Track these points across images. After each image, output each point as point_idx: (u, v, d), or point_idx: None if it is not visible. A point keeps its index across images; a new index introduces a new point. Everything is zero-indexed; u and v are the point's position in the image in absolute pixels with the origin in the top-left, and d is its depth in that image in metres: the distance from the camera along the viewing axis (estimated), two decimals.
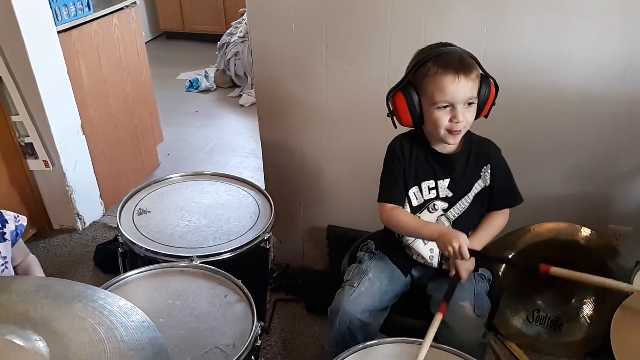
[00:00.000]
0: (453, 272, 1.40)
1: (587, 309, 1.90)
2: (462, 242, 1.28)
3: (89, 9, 2.55)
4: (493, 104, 1.37)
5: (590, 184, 1.87)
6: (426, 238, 1.44)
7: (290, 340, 2.05)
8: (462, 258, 1.29)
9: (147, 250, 1.55)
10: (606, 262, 1.85)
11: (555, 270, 1.25)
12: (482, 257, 1.42)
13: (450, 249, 1.29)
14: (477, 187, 1.44)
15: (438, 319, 1.23)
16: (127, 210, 1.75)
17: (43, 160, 2.46)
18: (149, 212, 1.73)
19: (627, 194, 1.86)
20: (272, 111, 2.07)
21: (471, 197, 1.44)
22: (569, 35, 1.66)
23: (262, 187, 1.94)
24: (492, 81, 1.34)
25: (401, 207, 1.43)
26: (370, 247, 1.58)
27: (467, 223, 1.44)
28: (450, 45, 1.33)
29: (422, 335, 1.20)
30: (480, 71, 1.32)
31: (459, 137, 1.36)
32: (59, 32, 2.38)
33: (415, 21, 1.74)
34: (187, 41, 5.53)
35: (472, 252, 1.31)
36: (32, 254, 1.47)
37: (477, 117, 1.35)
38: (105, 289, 1.34)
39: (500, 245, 1.95)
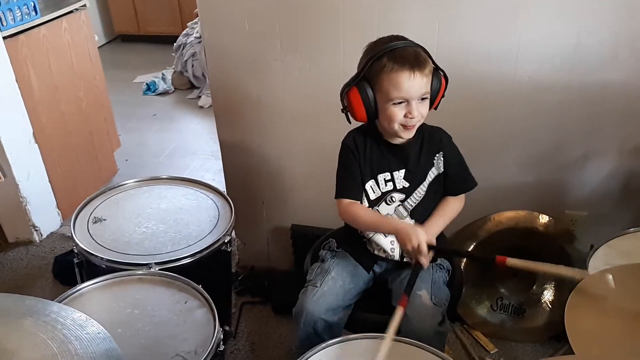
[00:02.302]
0: (414, 261, 1.39)
1: (548, 295, 1.95)
2: (421, 239, 1.30)
3: (36, 12, 2.47)
4: (442, 96, 1.38)
5: (545, 171, 1.91)
6: (385, 233, 1.45)
7: (258, 343, 2.03)
8: (421, 255, 1.31)
9: (103, 259, 1.51)
10: (564, 247, 1.90)
11: (511, 261, 1.27)
12: (440, 252, 1.43)
13: (409, 247, 1.31)
14: (431, 174, 1.45)
15: (399, 312, 1.23)
16: (81, 219, 1.70)
17: None
18: (104, 220, 1.69)
19: (580, 180, 1.91)
20: (230, 111, 2.04)
21: (426, 186, 1.45)
22: (519, 27, 1.68)
23: (224, 189, 1.91)
24: (442, 74, 1.36)
25: (359, 202, 1.43)
26: (332, 245, 1.57)
27: (425, 212, 1.45)
28: (402, 38, 1.33)
29: (385, 329, 1.19)
30: (432, 65, 1.33)
31: (412, 132, 1.36)
32: (4, 38, 2.30)
33: (369, 16, 1.74)
34: (143, 43, 5.42)
35: (430, 247, 1.33)
36: None
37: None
38: (60, 301, 1.31)
39: (462, 236, 1.98)
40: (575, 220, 1.96)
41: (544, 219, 1.93)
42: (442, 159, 1.45)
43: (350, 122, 1.41)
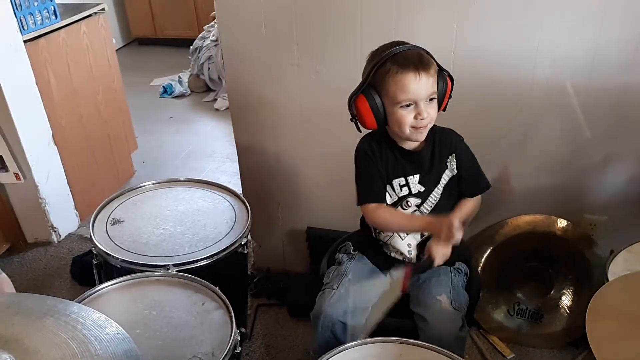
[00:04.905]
0: (426, 256, 1.37)
1: (566, 300, 1.92)
2: (451, 219, 1.28)
3: (56, 17, 2.50)
4: (450, 96, 1.38)
5: (564, 175, 1.89)
6: (416, 231, 1.45)
7: (273, 345, 2.03)
8: (454, 238, 1.29)
9: (121, 260, 1.52)
10: (583, 252, 1.87)
11: None
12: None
13: (445, 230, 1.29)
14: (445, 177, 1.45)
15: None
16: (100, 220, 1.71)
17: (14, 173, 2.40)
18: (123, 221, 1.70)
19: (600, 184, 1.88)
20: (246, 114, 2.05)
21: (441, 189, 1.44)
22: (537, 30, 1.67)
23: (240, 191, 1.91)
24: (447, 74, 1.36)
25: (384, 204, 1.42)
26: (348, 248, 1.57)
27: (441, 215, 1.44)
28: (403, 43, 1.33)
29: (403, 334, 1.19)
30: (436, 66, 1.33)
31: (424, 133, 1.36)
32: (25, 42, 2.33)
33: (386, 20, 1.74)
34: (160, 47, 5.46)
35: None
36: (6, 270, 1.43)
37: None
38: (79, 302, 1.32)
39: (479, 240, 1.97)
40: (595, 224, 1.94)
41: (562, 223, 1.91)
42: (454, 160, 1.44)
43: (360, 131, 1.41)
